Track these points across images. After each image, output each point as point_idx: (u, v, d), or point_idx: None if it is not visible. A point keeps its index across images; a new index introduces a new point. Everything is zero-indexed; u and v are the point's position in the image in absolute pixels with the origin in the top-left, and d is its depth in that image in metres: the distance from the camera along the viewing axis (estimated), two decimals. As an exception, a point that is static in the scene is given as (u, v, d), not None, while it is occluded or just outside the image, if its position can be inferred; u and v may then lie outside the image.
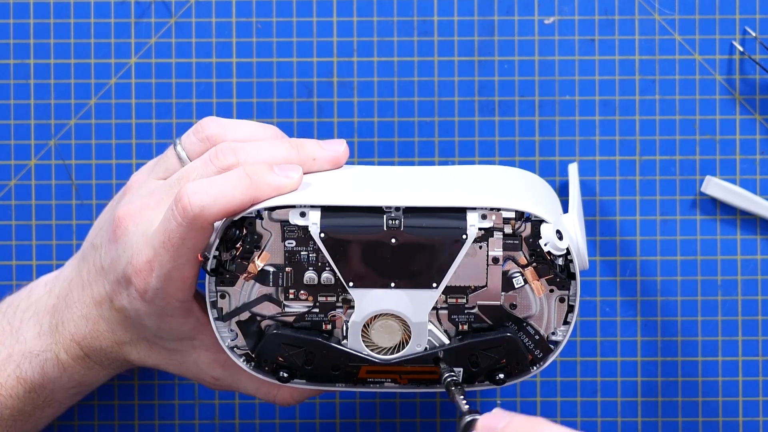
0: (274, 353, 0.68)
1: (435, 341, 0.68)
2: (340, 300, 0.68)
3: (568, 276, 0.68)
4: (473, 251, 0.67)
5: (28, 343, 0.73)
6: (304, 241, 0.67)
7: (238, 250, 0.67)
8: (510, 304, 0.68)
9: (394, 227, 0.66)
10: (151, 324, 0.70)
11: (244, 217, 0.67)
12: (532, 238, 0.67)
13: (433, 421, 0.82)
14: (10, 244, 0.81)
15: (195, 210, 0.65)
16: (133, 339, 0.71)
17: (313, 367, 0.68)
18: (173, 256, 0.66)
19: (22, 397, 0.73)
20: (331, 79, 0.81)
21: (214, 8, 0.81)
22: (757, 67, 0.81)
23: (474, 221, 0.66)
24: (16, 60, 0.81)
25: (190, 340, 0.71)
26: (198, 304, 0.70)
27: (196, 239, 0.66)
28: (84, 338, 0.72)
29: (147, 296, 0.68)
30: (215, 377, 0.72)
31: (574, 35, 0.81)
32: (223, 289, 0.68)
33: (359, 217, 0.67)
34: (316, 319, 0.68)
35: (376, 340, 0.68)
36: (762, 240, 0.81)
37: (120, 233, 0.69)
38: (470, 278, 0.67)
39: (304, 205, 0.66)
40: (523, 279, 0.68)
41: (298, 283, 0.68)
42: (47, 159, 0.81)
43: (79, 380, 0.73)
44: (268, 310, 0.68)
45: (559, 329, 0.68)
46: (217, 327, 0.68)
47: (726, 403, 0.81)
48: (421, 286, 0.67)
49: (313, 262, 0.67)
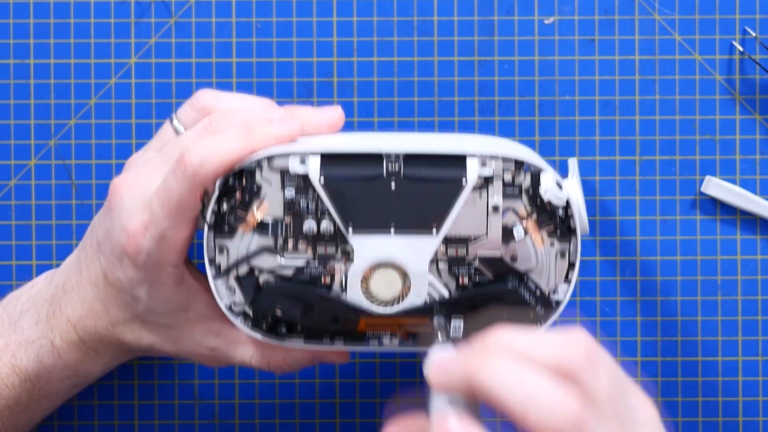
0: (272, 306, 0.68)
1: (435, 294, 0.68)
2: (339, 252, 0.68)
3: (568, 230, 0.68)
4: (473, 200, 0.67)
5: (25, 332, 0.73)
6: (303, 190, 0.67)
7: (237, 201, 0.67)
8: (511, 257, 0.68)
9: (393, 172, 0.67)
10: (144, 295, 0.70)
11: (243, 169, 0.67)
12: (532, 189, 0.67)
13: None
14: (10, 244, 0.81)
15: (194, 165, 0.66)
16: (126, 318, 0.71)
17: (312, 321, 0.68)
18: (169, 214, 0.67)
19: (18, 386, 0.73)
20: (331, 79, 0.81)
21: (214, 8, 0.81)
22: (757, 67, 0.81)
23: (473, 167, 0.67)
24: (16, 60, 0.81)
25: (184, 312, 0.71)
26: (190, 273, 0.71)
27: (195, 199, 0.67)
28: (80, 320, 0.72)
29: (140, 260, 0.68)
30: (211, 347, 0.72)
31: (574, 35, 0.81)
32: (222, 243, 0.68)
33: (359, 162, 0.67)
34: (315, 272, 0.68)
35: (375, 292, 0.68)
36: (762, 240, 0.81)
37: (115, 201, 0.69)
38: (470, 228, 0.67)
39: (304, 152, 0.67)
40: (524, 230, 0.68)
41: (297, 234, 0.68)
42: (47, 159, 0.81)
43: (75, 369, 0.73)
44: (267, 264, 0.68)
45: (560, 287, 0.68)
46: (215, 285, 0.69)
47: (726, 403, 0.81)
48: (421, 232, 0.67)
49: (313, 211, 0.68)
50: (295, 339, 0.69)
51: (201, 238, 0.69)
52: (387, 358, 0.82)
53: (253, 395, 0.81)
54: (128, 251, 0.68)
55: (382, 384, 0.82)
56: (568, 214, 0.67)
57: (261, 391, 0.82)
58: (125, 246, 0.68)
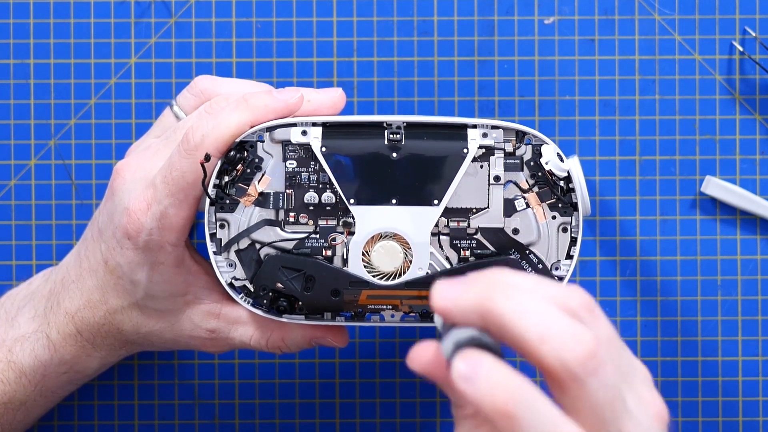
0: (273, 278, 0.68)
1: (437, 266, 0.68)
2: (340, 223, 0.68)
3: (570, 205, 0.68)
4: (474, 170, 0.67)
5: (21, 327, 0.73)
6: (305, 162, 0.68)
7: (238, 173, 0.67)
8: (512, 229, 0.68)
9: (395, 141, 0.67)
10: (143, 278, 0.70)
11: (245, 141, 0.67)
12: (533, 161, 0.67)
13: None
14: (10, 244, 0.81)
15: (196, 139, 0.67)
16: (125, 306, 0.71)
17: (313, 293, 0.68)
18: (172, 191, 0.67)
19: (13, 382, 0.73)
20: (331, 79, 0.81)
21: (214, 8, 0.81)
22: (757, 67, 0.81)
23: (475, 137, 0.67)
24: (16, 60, 0.81)
25: (182, 296, 0.71)
26: (190, 255, 0.71)
27: (197, 176, 0.67)
28: (78, 311, 0.72)
29: (140, 240, 0.68)
30: (210, 329, 0.72)
31: (574, 35, 0.81)
32: (223, 217, 0.68)
33: (361, 132, 0.67)
34: (317, 245, 0.68)
35: (376, 264, 0.68)
36: (762, 240, 0.81)
37: (117, 184, 0.70)
38: (472, 199, 0.68)
39: (305, 123, 0.67)
40: (525, 203, 0.68)
41: (299, 205, 0.68)
42: (47, 159, 0.81)
43: (71, 363, 0.73)
44: (268, 237, 0.68)
45: (562, 263, 0.68)
46: (216, 261, 0.69)
47: (726, 403, 0.81)
48: (422, 203, 0.67)
49: (314, 183, 0.68)
50: (296, 316, 0.69)
51: (201, 218, 0.69)
52: (387, 358, 0.82)
53: (253, 395, 0.81)
54: (129, 230, 0.68)
55: (382, 384, 0.82)
56: (569, 187, 0.67)
57: (261, 391, 0.82)
58: (127, 226, 0.68)
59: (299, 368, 0.82)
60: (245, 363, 0.81)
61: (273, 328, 0.71)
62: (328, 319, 0.69)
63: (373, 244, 0.67)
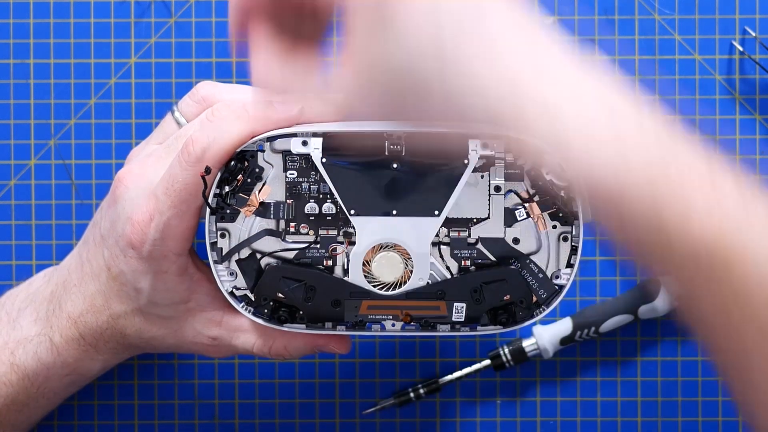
0: (274, 289, 0.68)
1: (438, 276, 0.68)
2: (341, 234, 0.68)
3: (570, 214, 0.68)
4: (475, 180, 0.67)
5: (23, 329, 0.73)
6: (305, 172, 0.68)
7: (239, 184, 0.68)
8: (513, 239, 0.68)
9: (396, 151, 0.67)
10: (147, 286, 0.70)
11: (245, 150, 0.67)
12: (533, 171, 0.67)
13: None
14: (10, 244, 0.81)
15: (197, 151, 0.66)
16: (128, 311, 0.71)
17: (314, 303, 0.68)
18: (174, 203, 0.67)
19: (16, 384, 0.73)
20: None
21: (214, 8, 0.81)
22: (757, 67, 0.81)
23: (475, 147, 0.67)
24: (16, 60, 0.81)
25: (185, 304, 0.71)
26: (193, 263, 0.71)
27: (198, 187, 0.67)
28: (80, 315, 0.72)
29: (144, 250, 0.68)
30: (212, 337, 0.72)
31: (574, 35, 0.81)
32: (224, 227, 0.68)
33: (361, 142, 0.67)
34: (317, 255, 0.68)
35: (377, 275, 0.68)
36: (762, 240, 0.81)
37: (120, 192, 0.70)
38: (472, 209, 0.68)
39: (306, 133, 0.67)
40: (526, 212, 0.68)
41: (299, 216, 0.68)
42: (47, 159, 0.81)
43: (74, 366, 0.73)
44: (269, 247, 0.68)
45: (562, 272, 0.68)
46: (217, 270, 0.69)
47: (726, 403, 0.81)
48: (423, 213, 0.67)
49: (315, 194, 0.68)
50: (297, 325, 0.69)
51: (203, 227, 0.69)
52: (387, 358, 0.82)
53: (253, 395, 0.81)
54: (133, 241, 0.68)
55: (382, 384, 0.82)
56: (570, 196, 0.67)
57: (261, 391, 0.82)
58: (130, 236, 0.68)
59: (299, 368, 0.82)
60: (245, 363, 0.81)
61: (276, 336, 0.71)
62: (329, 329, 0.69)
63: (373, 254, 0.67)
